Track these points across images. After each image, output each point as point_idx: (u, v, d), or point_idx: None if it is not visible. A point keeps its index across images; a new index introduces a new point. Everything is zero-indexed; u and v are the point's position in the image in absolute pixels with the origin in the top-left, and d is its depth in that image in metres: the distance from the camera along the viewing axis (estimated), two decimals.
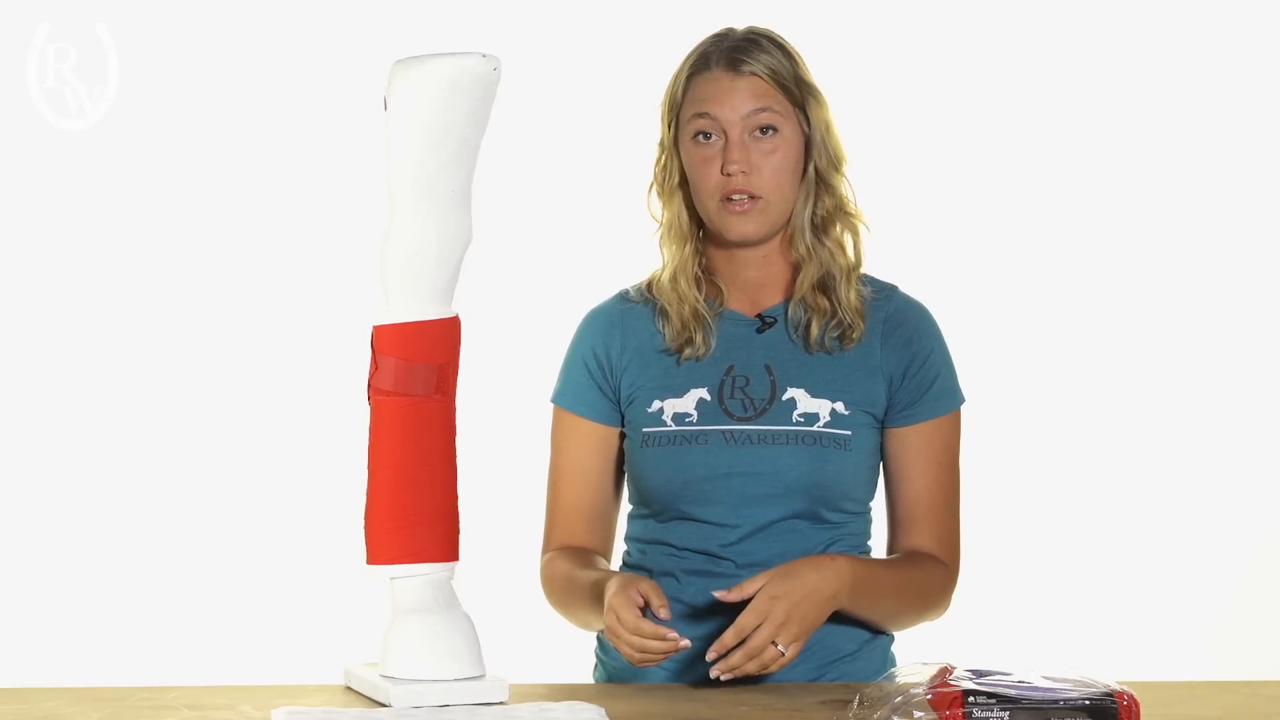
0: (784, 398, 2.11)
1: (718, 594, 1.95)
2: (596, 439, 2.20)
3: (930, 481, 2.14)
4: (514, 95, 2.16)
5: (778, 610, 1.92)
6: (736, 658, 1.91)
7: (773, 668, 1.92)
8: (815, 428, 2.10)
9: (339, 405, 2.91)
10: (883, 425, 2.14)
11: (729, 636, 1.92)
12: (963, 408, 2.17)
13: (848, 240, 2.16)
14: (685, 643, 1.92)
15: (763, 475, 2.09)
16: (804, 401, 2.11)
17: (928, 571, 2.13)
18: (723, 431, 2.11)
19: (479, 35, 3.55)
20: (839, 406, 2.11)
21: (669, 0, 3.54)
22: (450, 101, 1.86)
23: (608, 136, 3.51)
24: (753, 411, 2.11)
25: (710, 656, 1.92)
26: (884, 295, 2.18)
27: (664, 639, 1.92)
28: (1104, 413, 3.78)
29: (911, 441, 2.14)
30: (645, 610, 1.95)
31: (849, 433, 2.10)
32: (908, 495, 2.15)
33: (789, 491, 2.09)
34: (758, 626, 1.91)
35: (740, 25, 2.16)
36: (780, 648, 1.91)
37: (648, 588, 1.96)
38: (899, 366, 2.14)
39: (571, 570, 2.13)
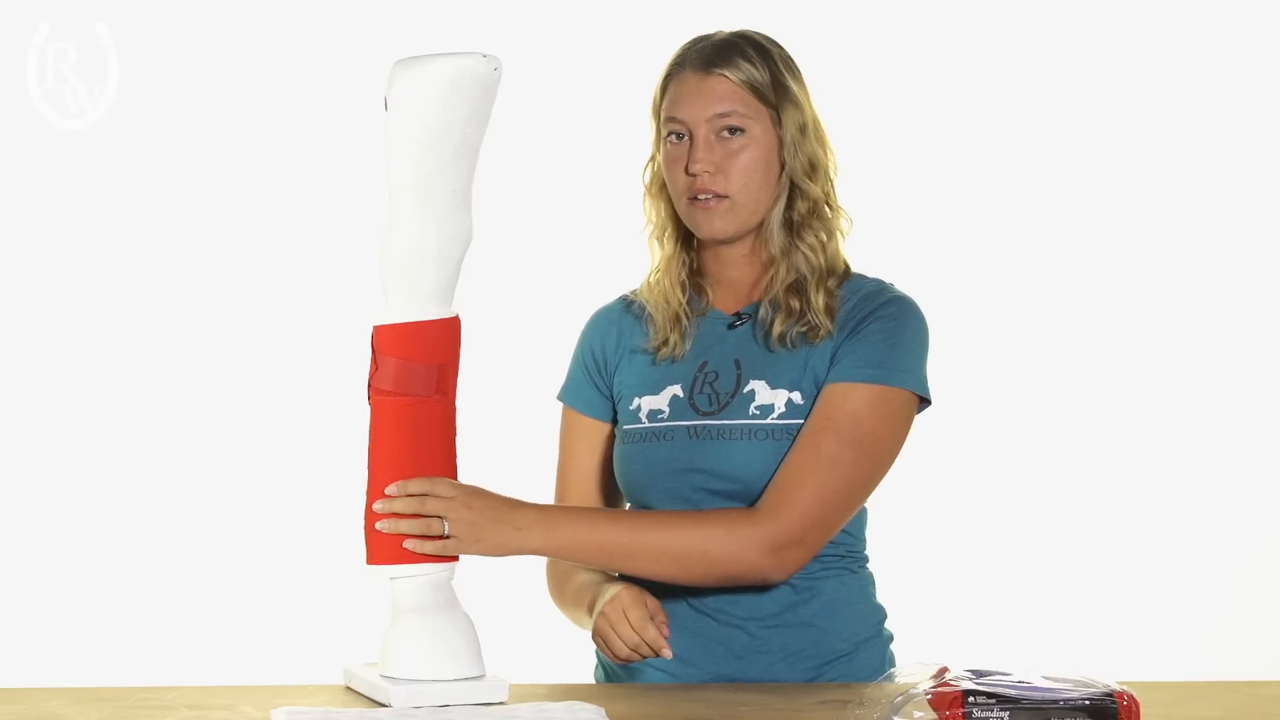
0: (745, 390, 2.11)
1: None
2: (596, 435, 2.23)
3: (810, 436, 2.03)
4: (514, 95, 2.16)
5: (455, 512, 1.91)
6: (399, 504, 1.90)
7: (431, 538, 1.91)
8: (769, 420, 2.08)
9: (339, 405, 2.90)
10: None
11: (399, 504, 1.91)
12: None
13: (824, 243, 2.14)
14: (668, 653, 2.01)
15: (720, 473, 2.09)
16: (762, 393, 2.10)
17: (704, 517, 2.03)
18: (688, 427, 2.12)
19: (479, 35, 3.55)
20: (795, 397, 2.08)
21: (668, 1, 3.54)
22: (450, 101, 1.86)
23: (607, 136, 3.51)
24: (717, 406, 2.11)
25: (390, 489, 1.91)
26: (866, 292, 2.14)
27: (659, 650, 2.01)
28: (1104, 413, 3.78)
29: (820, 395, 2.07)
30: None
31: (802, 422, 2.08)
32: (792, 446, 2.06)
33: (748, 487, 2.08)
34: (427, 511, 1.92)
35: (733, 27, 2.16)
36: (446, 530, 1.91)
37: (657, 605, 2.04)
38: (845, 334, 2.10)
39: (573, 569, 2.16)
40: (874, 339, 2.08)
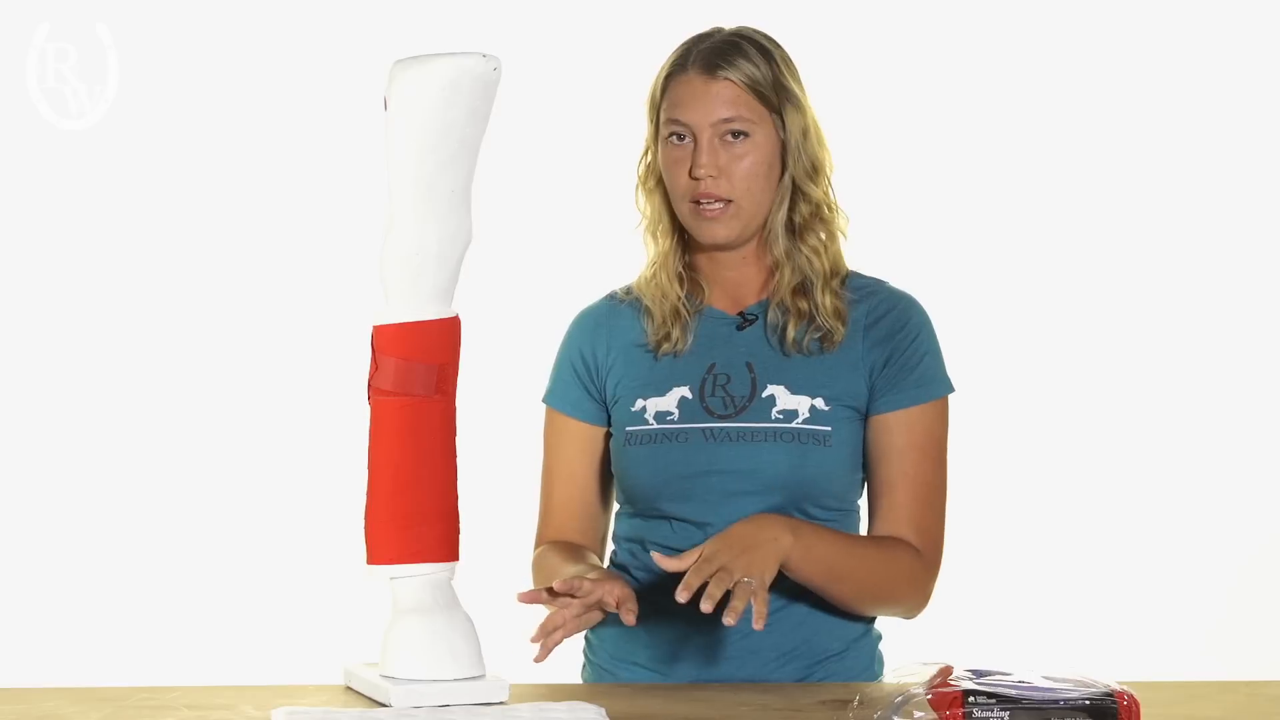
0: (764, 395, 2.11)
1: (656, 557, 1.92)
2: (585, 439, 2.21)
3: (909, 467, 2.10)
4: (514, 95, 2.16)
5: (721, 556, 1.89)
6: (698, 581, 1.86)
7: (742, 594, 1.85)
8: (794, 424, 2.09)
9: (339, 405, 2.91)
10: (866, 415, 2.13)
11: (691, 579, 1.87)
12: (955, 400, 2.14)
13: (826, 245, 2.15)
14: (629, 618, 1.95)
15: (742, 473, 2.09)
16: (783, 398, 2.10)
17: (895, 554, 2.08)
18: (703, 429, 2.11)
19: (479, 35, 3.55)
20: (818, 402, 2.10)
21: (667, 1, 3.54)
22: (450, 101, 1.86)
23: (607, 136, 3.49)
24: (733, 409, 2.11)
25: (681, 598, 1.86)
26: (869, 291, 2.16)
27: (621, 603, 1.95)
28: (1104, 412, 3.78)
29: (892, 427, 2.11)
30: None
31: (829, 428, 2.09)
32: (886, 480, 2.11)
33: (768, 488, 2.08)
34: (711, 570, 1.88)
35: (732, 25, 2.15)
36: (746, 580, 1.87)
37: (624, 594, 1.97)
38: (881, 355, 2.12)
39: (560, 564, 2.14)
40: (919, 354, 2.13)
